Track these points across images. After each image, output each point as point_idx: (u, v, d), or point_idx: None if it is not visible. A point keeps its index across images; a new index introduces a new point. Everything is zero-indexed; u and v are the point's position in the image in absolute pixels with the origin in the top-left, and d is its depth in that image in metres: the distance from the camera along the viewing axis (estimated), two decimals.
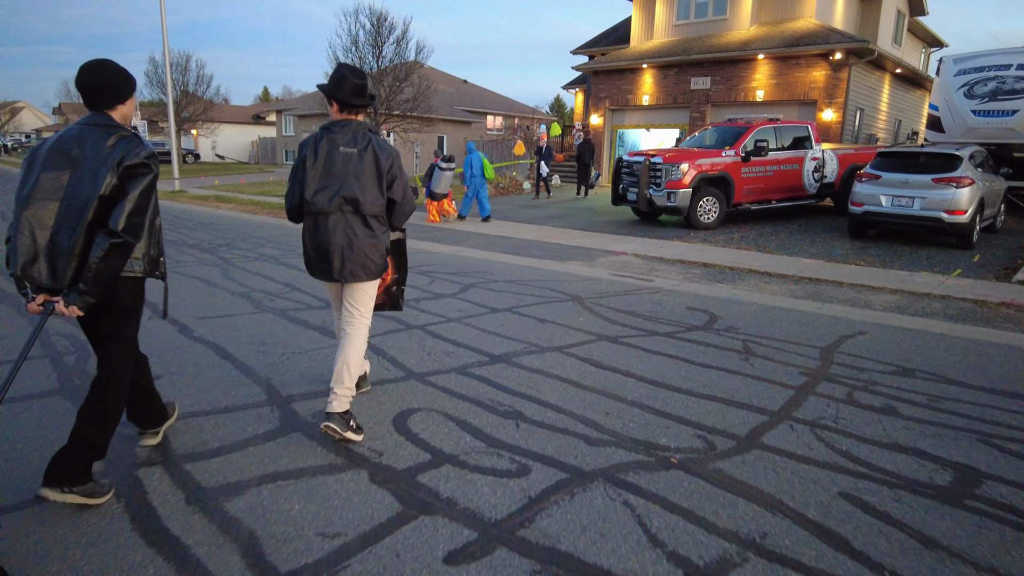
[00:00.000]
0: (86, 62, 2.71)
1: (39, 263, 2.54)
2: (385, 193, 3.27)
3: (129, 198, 2.57)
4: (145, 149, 2.65)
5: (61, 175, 2.57)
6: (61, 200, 2.56)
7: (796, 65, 17.42)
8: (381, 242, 3.32)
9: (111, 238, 2.52)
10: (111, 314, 2.78)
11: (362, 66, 22.42)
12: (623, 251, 10.31)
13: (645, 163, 12.28)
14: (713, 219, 12.46)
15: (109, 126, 2.66)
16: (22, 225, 2.52)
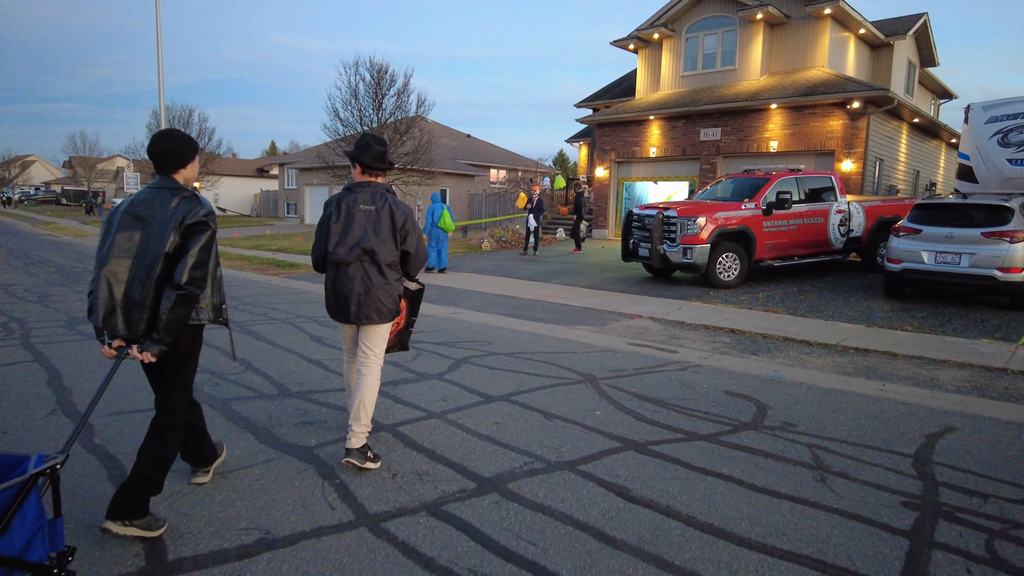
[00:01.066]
0: (157, 132, 3.06)
1: (116, 315, 2.79)
2: (399, 246, 3.64)
3: (191, 254, 2.81)
4: (204, 208, 2.90)
5: (133, 235, 2.83)
6: (133, 257, 2.81)
7: (811, 115, 16.70)
8: (395, 288, 3.68)
9: (177, 290, 2.77)
10: (172, 360, 3.00)
11: (361, 119, 21.93)
12: (638, 314, 9.21)
13: (658, 217, 11.31)
14: (734, 277, 11.39)
15: (173, 188, 2.93)
16: (101, 281, 2.80)
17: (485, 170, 38.93)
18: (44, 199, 67.55)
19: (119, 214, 2.89)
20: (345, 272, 3.60)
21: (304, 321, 8.51)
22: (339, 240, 3.58)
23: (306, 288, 11.89)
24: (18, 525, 1.96)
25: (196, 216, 2.86)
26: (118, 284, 2.80)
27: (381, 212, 3.58)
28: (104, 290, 2.80)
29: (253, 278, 13.40)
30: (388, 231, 3.58)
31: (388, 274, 3.63)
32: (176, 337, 2.90)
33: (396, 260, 3.67)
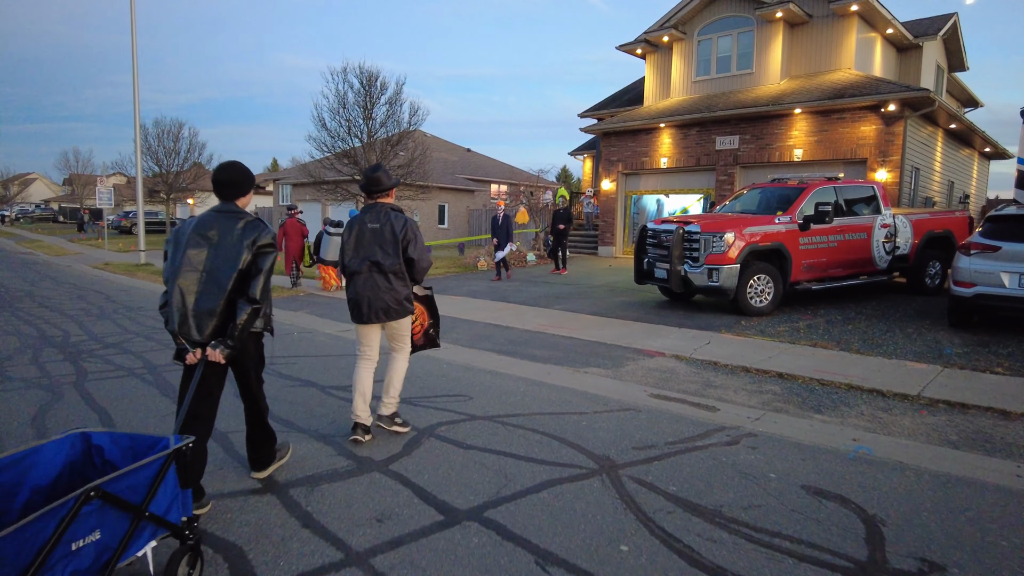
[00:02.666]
0: (222, 162, 3.55)
1: (188, 322, 3.17)
2: (401, 255, 4.19)
3: (263, 272, 3.28)
4: (269, 232, 3.35)
5: (201, 252, 3.23)
6: (202, 272, 3.21)
7: (840, 120, 15.14)
8: (399, 292, 4.23)
9: (252, 304, 3.21)
10: (242, 361, 3.45)
11: (350, 129, 20.48)
12: (658, 350, 7.56)
13: (678, 232, 9.70)
14: (767, 302, 9.75)
15: (236, 213, 3.37)
16: (175, 292, 3.18)
17: (485, 185, 37.48)
18: (41, 216, 66.58)
19: (187, 234, 3.25)
20: (357, 280, 4.18)
21: None
22: (352, 254, 4.21)
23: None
24: (162, 492, 2.40)
25: (265, 238, 3.28)
26: (190, 295, 3.15)
27: (384, 228, 4.13)
28: (178, 300, 3.15)
29: None
30: (391, 243, 4.13)
31: (393, 280, 4.16)
32: (242, 342, 3.25)
33: (400, 268, 4.19)
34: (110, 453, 2.60)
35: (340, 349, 7.81)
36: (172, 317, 3.16)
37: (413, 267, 4.23)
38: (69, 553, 2.01)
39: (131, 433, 2.64)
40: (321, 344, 8.10)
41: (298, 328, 9.26)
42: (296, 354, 7.41)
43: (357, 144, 20.60)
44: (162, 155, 35.17)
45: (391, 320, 4.25)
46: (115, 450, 2.60)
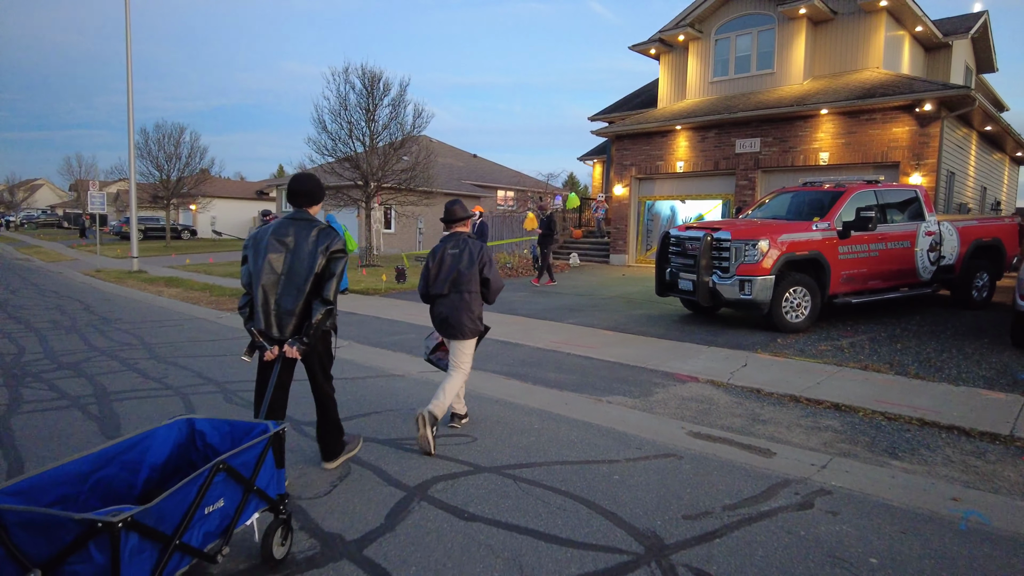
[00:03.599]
0: (296, 173, 4.41)
1: (271, 320, 3.47)
2: (478, 277, 4.61)
3: (336, 276, 3.55)
4: (340, 238, 3.62)
5: (280, 256, 3.51)
6: (281, 275, 3.49)
7: (870, 121, 14.22)
8: (474, 311, 4.63)
9: (326, 305, 3.50)
10: (315, 357, 3.72)
11: (351, 131, 19.68)
12: (690, 374, 6.64)
13: (705, 240, 8.79)
14: (803, 317, 8.82)
15: (309, 220, 3.65)
16: (259, 294, 3.47)
17: (492, 191, 36.66)
18: (46, 222, 66.33)
19: (266, 240, 3.54)
20: (441, 301, 4.65)
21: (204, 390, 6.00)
22: (435, 277, 4.66)
23: None
24: (264, 470, 2.65)
25: (337, 244, 3.60)
26: (272, 296, 3.47)
27: (463, 253, 4.63)
28: (262, 301, 3.47)
29: (201, 314, 10.95)
30: (468, 266, 4.59)
31: (471, 300, 4.62)
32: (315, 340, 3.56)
33: (477, 289, 4.62)
34: (211, 437, 2.86)
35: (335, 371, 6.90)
36: (257, 316, 3.47)
37: (488, 287, 4.65)
38: (203, 516, 2.29)
39: (230, 420, 2.89)
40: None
41: None
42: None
43: (359, 147, 19.78)
44: (163, 160, 34.54)
45: (465, 338, 4.65)
46: (215, 435, 2.86)
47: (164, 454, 2.77)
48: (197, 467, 2.81)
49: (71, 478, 2.35)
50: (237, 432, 2.84)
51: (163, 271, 19.84)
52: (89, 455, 2.45)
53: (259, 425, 2.81)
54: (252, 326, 3.50)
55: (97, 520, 1.88)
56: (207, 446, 2.88)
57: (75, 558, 1.92)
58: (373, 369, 6.97)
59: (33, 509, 2.00)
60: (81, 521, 1.89)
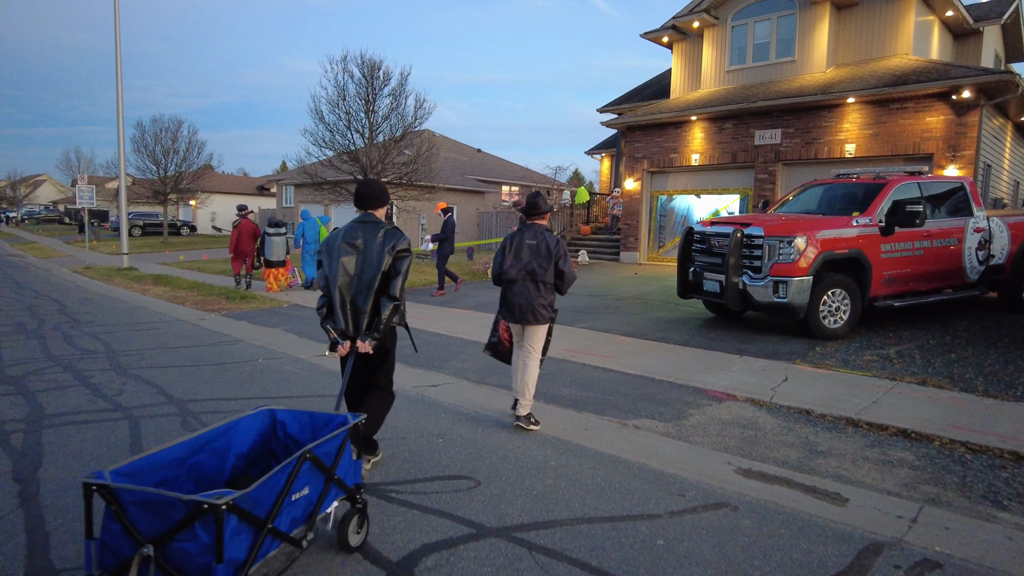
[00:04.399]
0: (363, 179, 4.48)
1: (348, 319, 3.68)
2: (553, 268, 4.75)
3: (401, 273, 3.72)
4: (405, 239, 3.80)
5: (351, 259, 3.72)
6: (354, 276, 3.70)
7: (901, 110, 13.30)
8: (546, 298, 4.78)
9: (393, 301, 3.67)
10: (380, 352, 3.88)
11: (350, 123, 18.83)
12: (726, 391, 5.78)
13: (735, 236, 7.92)
14: (842, 322, 7.96)
15: (376, 223, 3.85)
16: (336, 294, 3.67)
17: (496, 186, 35.79)
18: (47, 218, 65.72)
19: (338, 244, 3.75)
20: (514, 287, 4.78)
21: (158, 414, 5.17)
22: (511, 264, 4.81)
23: (239, 335, 8.58)
24: (343, 460, 2.71)
25: (402, 244, 3.75)
26: (347, 296, 3.68)
27: (540, 244, 4.79)
28: (339, 302, 3.66)
29: (184, 315, 10.14)
30: (545, 257, 4.75)
31: (543, 289, 4.75)
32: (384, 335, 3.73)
33: (551, 279, 4.76)
34: (291, 428, 2.94)
35: (306, 386, 6.07)
36: (336, 317, 3.66)
37: (563, 278, 4.80)
38: (290, 503, 2.37)
39: (309, 411, 2.96)
40: (286, 377, 6.37)
41: (266, 352, 7.55)
42: (251, 394, 5.69)
43: (358, 140, 18.93)
44: (160, 154, 33.79)
45: (536, 324, 4.76)
46: (295, 425, 2.93)
47: (248, 443, 2.86)
48: (277, 456, 2.93)
49: (170, 462, 2.48)
50: (316, 423, 2.91)
51: (155, 268, 19.08)
52: (184, 441, 2.56)
53: (337, 417, 2.88)
54: (329, 325, 3.70)
55: (204, 502, 1.98)
56: (287, 436, 2.96)
57: (183, 535, 2.03)
58: None
59: (147, 489, 2.10)
60: (189, 502, 2.00)
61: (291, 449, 2.90)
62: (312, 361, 7.07)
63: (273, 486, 2.27)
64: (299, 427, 2.95)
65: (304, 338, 8.37)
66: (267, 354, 7.40)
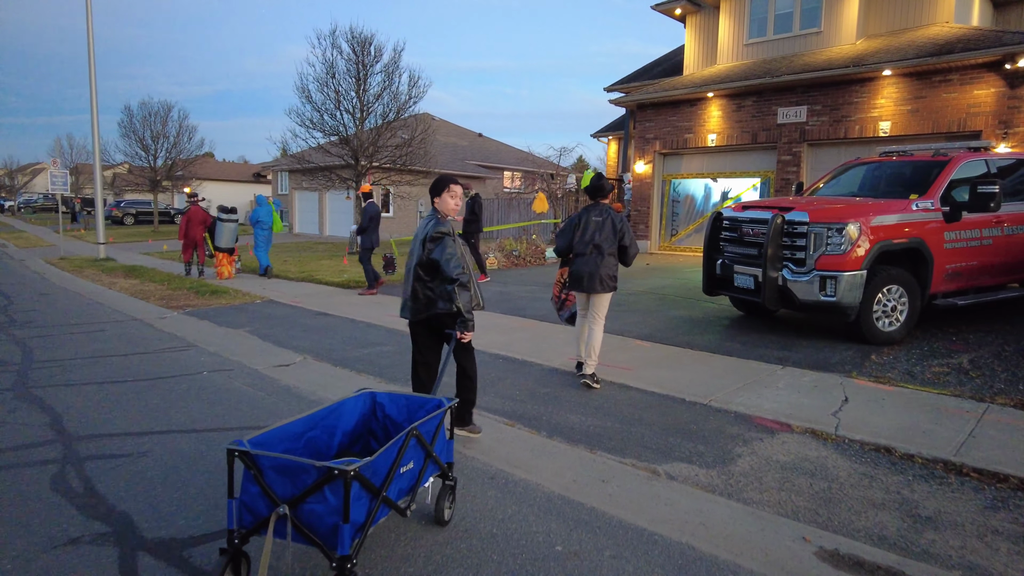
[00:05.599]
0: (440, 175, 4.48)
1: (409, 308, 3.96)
2: (616, 242, 5.26)
3: (444, 257, 3.69)
4: (436, 224, 3.82)
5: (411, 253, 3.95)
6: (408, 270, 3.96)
7: (945, 83, 11.98)
8: (611, 270, 5.28)
9: (453, 283, 3.70)
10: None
11: (339, 102, 17.55)
12: (776, 417, 4.58)
13: (774, 223, 6.68)
14: (899, 325, 6.74)
15: (430, 214, 3.97)
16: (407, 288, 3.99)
17: (498, 172, 34.46)
18: (44, 207, 64.66)
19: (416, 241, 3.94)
20: (582, 259, 5.26)
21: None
22: (579, 239, 5.30)
23: (195, 337, 7.41)
24: (439, 439, 2.86)
25: (432, 231, 3.76)
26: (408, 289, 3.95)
27: (606, 221, 5.28)
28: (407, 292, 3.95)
29: (142, 313, 8.97)
30: (611, 233, 5.25)
31: (608, 260, 5.24)
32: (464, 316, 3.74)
33: (615, 252, 5.28)
34: (389, 409, 3.12)
35: (248, 410, 4.89)
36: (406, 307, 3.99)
37: (627, 253, 5.32)
38: (398, 475, 2.52)
39: (405, 393, 3.16)
40: (227, 397, 5.19)
41: (217, 361, 6.37)
42: (171, 425, 4.51)
43: (348, 120, 17.65)
44: (149, 139, 32.52)
45: (602, 292, 5.26)
46: (393, 407, 3.12)
47: (352, 422, 3.03)
48: (376, 434, 3.12)
49: (290, 436, 2.66)
50: (412, 405, 3.07)
51: (134, 258, 17.94)
52: (302, 418, 2.75)
53: (432, 400, 3.02)
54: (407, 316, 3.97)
55: (335, 468, 2.17)
56: (386, 416, 3.11)
57: (313, 498, 2.24)
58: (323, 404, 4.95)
59: (284, 456, 2.30)
60: (322, 468, 2.20)
61: (388, 428, 3.09)
62: (267, 373, 5.89)
63: (387, 458, 2.41)
64: (396, 409, 3.11)
65: (268, 342, 7.20)
66: (217, 363, 6.22)
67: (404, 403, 3.09)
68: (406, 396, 3.11)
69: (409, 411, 3.06)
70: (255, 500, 2.32)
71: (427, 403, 3.03)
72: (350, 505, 2.18)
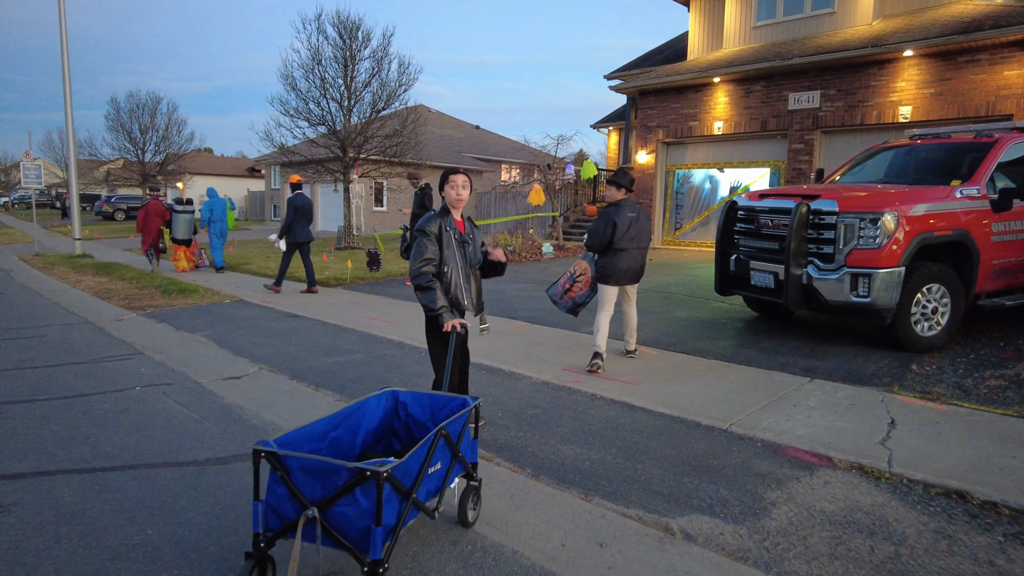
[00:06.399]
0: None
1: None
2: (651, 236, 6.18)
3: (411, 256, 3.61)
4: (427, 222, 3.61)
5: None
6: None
7: (972, 63, 11.11)
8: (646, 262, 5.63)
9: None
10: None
11: (325, 90, 16.68)
12: (811, 448, 3.74)
13: (799, 212, 5.83)
14: (940, 329, 5.90)
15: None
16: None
17: (496, 165, 33.59)
18: (39, 202, 63.81)
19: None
20: (627, 254, 5.37)
21: None
22: (621, 236, 5.34)
23: (144, 343, 6.58)
24: (464, 439, 2.77)
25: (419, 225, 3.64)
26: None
27: (640, 216, 5.46)
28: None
29: (96, 316, 8.15)
30: (646, 227, 5.52)
31: (646, 254, 5.53)
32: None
33: (649, 245, 5.52)
34: (412, 408, 3.03)
35: (171, 436, 4.07)
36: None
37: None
38: (427, 475, 2.44)
39: (428, 393, 3.05)
40: (153, 420, 4.36)
41: (159, 373, 5.55)
42: (64, 464, 3.69)
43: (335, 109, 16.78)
44: (137, 133, 31.67)
45: (637, 282, 5.64)
46: (416, 406, 3.03)
47: (375, 421, 2.95)
48: (398, 434, 3.04)
49: (315, 436, 2.59)
50: (436, 404, 2.99)
51: (114, 254, 17.13)
52: (326, 418, 2.68)
53: (456, 398, 2.95)
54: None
55: (367, 469, 2.09)
56: (408, 416, 3.03)
57: (344, 500, 2.15)
58: (264, 430, 4.12)
59: (315, 457, 2.22)
60: (353, 469, 2.12)
61: (411, 427, 3.00)
62: (211, 388, 5.06)
63: (417, 459, 2.34)
64: (419, 408, 3.02)
65: (225, 349, 6.37)
66: (157, 376, 5.40)
67: (427, 402, 3.02)
68: (429, 395, 3.04)
69: (432, 410, 3.00)
70: (282, 502, 2.24)
71: (451, 402, 2.96)
72: (382, 507, 2.11)
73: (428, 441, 2.41)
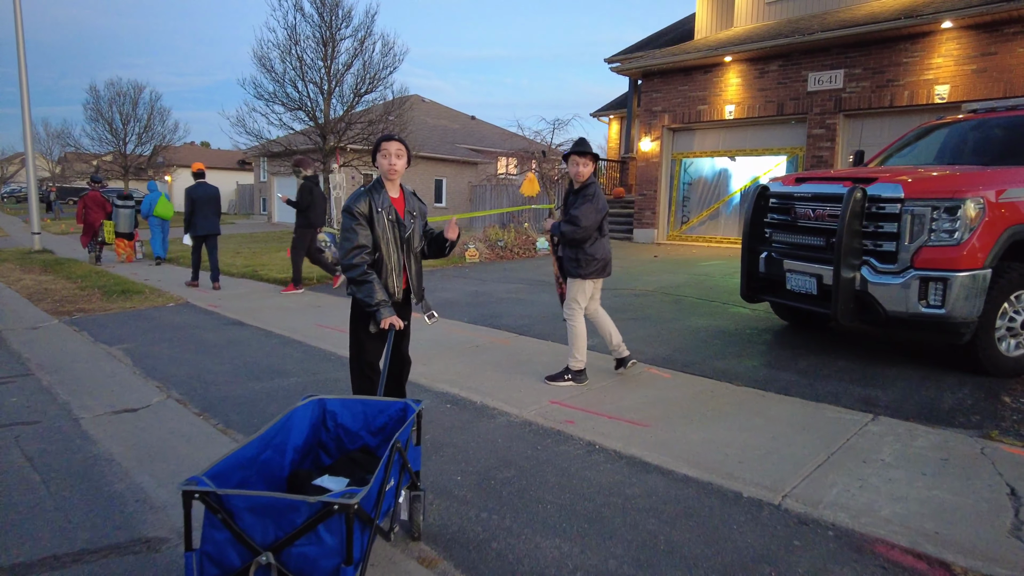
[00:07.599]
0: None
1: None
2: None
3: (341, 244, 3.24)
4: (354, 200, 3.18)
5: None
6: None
7: (1021, 35, 9.87)
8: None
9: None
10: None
11: (304, 72, 15.41)
12: (909, 543, 2.53)
13: (853, 199, 4.59)
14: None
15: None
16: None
17: (492, 157, 32.27)
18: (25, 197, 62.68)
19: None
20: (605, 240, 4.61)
21: None
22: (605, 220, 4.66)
23: (44, 359, 5.37)
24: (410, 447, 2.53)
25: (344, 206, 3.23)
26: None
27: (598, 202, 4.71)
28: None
29: (18, 318, 6.94)
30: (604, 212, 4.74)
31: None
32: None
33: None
34: (342, 417, 2.74)
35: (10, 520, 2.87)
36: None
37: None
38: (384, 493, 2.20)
39: (360, 398, 2.77)
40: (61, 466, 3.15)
41: (33, 408, 4.34)
42: None
43: (314, 92, 15.52)
44: (118, 123, 30.38)
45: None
46: (346, 415, 2.74)
47: (303, 435, 2.65)
48: (327, 447, 2.75)
49: (245, 462, 2.29)
50: (370, 411, 2.74)
51: (79, 251, 15.91)
52: (255, 440, 2.35)
53: (394, 403, 2.71)
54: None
55: (334, 503, 1.85)
56: (338, 426, 2.76)
57: (304, 540, 1.87)
58: (122, 502, 2.91)
59: (265, 494, 1.93)
60: (315, 504, 1.86)
61: (341, 438, 2.73)
62: (88, 428, 3.84)
63: (378, 481, 2.11)
64: (351, 416, 2.74)
65: (138, 367, 5.16)
66: (27, 409, 4.18)
67: (360, 409, 2.74)
68: (361, 401, 2.75)
69: (366, 418, 2.73)
70: (222, 549, 1.87)
71: (388, 407, 2.70)
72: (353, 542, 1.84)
73: (386, 460, 2.18)
